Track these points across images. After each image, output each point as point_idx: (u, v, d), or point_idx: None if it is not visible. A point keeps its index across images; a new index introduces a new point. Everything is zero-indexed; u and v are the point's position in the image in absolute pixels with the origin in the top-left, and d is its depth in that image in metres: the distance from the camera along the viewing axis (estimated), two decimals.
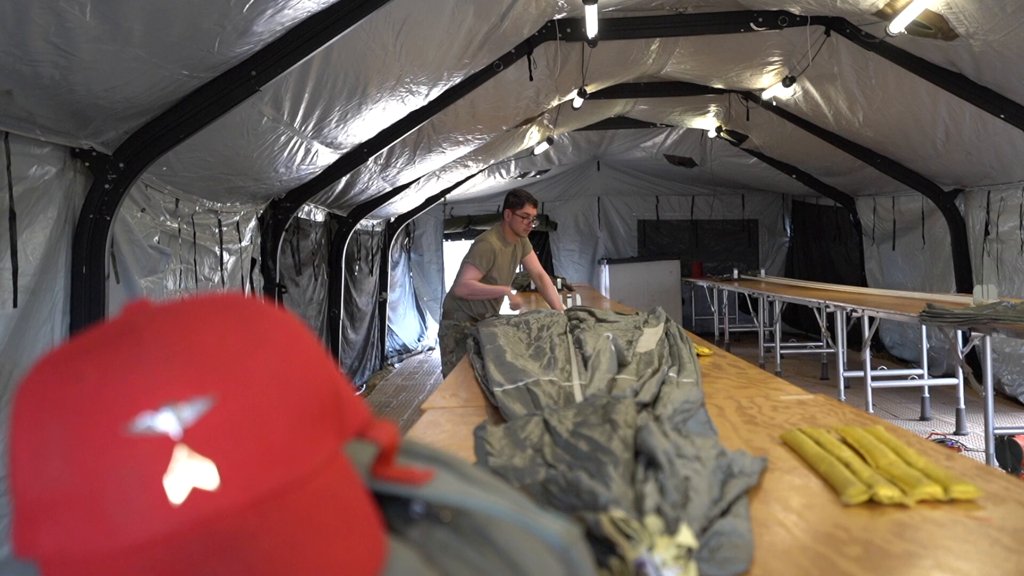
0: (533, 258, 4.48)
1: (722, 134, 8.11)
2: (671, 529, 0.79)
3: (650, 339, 2.46)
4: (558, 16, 4.72)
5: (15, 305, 2.62)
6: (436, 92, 4.69)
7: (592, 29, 4.40)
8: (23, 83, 2.30)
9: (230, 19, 2.56)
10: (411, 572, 0.45)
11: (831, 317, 5.71)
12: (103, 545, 0.43)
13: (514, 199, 4.12)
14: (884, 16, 4.30)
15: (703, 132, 8.49)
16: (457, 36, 4.05)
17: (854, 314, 5.19)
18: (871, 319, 5.05)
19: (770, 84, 6.04)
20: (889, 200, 7.75)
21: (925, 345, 5.85)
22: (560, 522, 0.54)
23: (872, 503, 1.10)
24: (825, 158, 7.36)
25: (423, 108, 4.84)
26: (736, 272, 9.35)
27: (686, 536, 0.78)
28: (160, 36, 2.41)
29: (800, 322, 9.87)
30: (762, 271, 9.56)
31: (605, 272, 9.93)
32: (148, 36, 2.37)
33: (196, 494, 0.43)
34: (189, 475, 0.43)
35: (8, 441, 0.47)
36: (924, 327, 5.54)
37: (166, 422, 0.44)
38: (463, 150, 6.47)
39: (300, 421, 0.48)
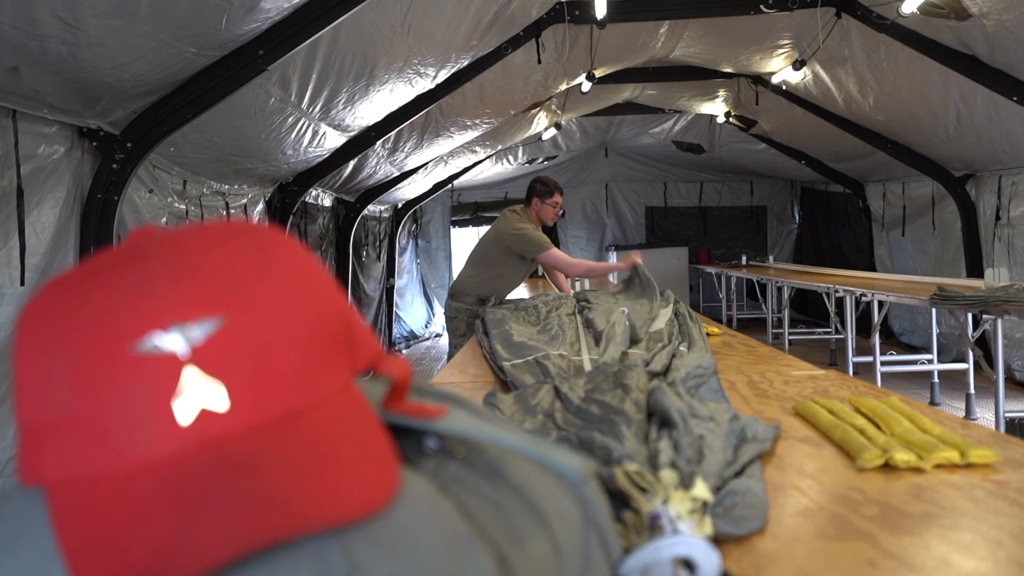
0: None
1: (731, 120, 8.06)
2: (686, 484, 0.77)
3: (660, 319, 2.45)
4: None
5: (23, 283, 2.62)
6: (444, 74, 4.67)
7: (601, 9, 4.36)
8: (30, 59, 2.29)
9: None
10: (425, 499, 0.44)
11: (840, 302, 5.68)
12: (110, 468, 0.43)
13: (542, 187, 3.93)
14: None
15: (712, 118, 8.45)
16: (465, 17, 4.03)
17: (863, 298, 5.16)
18: (880, 304, 5.02)
19: (780, 68, 5.99)
20: (899, 186, 7.69)
21: (935, 330, 5.81)
22: (576, 457, 0.53)
23: (888, 468, 1.08)
24: (835, 143, 7.31)
25: (431, 91, 4.82)
26: (744, 259, 9.31)
27: (701, 490, 0.76)
28: (167, 11, 2.40)
29: (808, 309, 9.83)
30: (771, 257, 9.53)
31: (613, 259, 9.91)
32: (155, 11, 2.36)
33: (205, 416, 0.42)
34: (197, 396, 0.42)
35: (13, 367, 0.46)
36: (934, 312, 5.51)
37: (174, 342, 0.42)
38: (471, 135, 6.44)
39: (311, 348, 0.46)
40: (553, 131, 8.20)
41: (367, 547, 0.41)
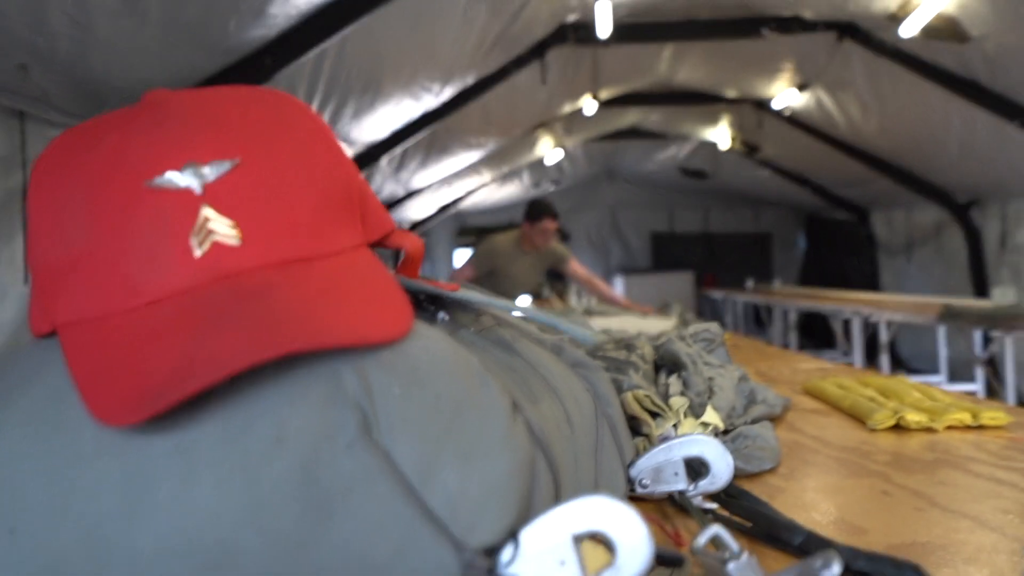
0: (575, 265, 4.33)
1: (734, 146, 8.10)
2: (696, 412, 0.77)
3: (665, 324, 2.46)
4: (570, 19, 4.74)
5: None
6: (449, 92, 4.71)
7: (605, 25, 4.40)
8: (39, 58, 2.30)
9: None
10: (439, 338, 0.43)
11: (847, 324, 5.65)
12: (125, 303, 0.42)
13: (533, 211, 4.01)
14: (896, 20, 4.28)
15: (715, 144, 8.49)
16: (471, 34, 4.07)
17: (871, 319, 5.14)
18: (888, 325, 5.00)
19: (782, 93, 6.03)
20: (903, 212, 7.69)
21: (944, 352, 5.76)
22: (590, 329, 0.52)
23: (899, 429, 1.07)
24: (838, 170, 7.33)
25: (436, 109, 4.86)
26: (752, 283, 9.30)
27: (712, 416, 0.76)
28: (176, 14, 2.42)
29: (814, 333, 9.78)
30: (776, 282, 9.52)
31: (619, 283, 9.91)
32: (164, 14, 2.39)
33: (219, 249, 0.42)
34: (211, 231, 0.42)
35: (27, 215, 0.46)
36: (943, 332, 5.49)
37: (188, 179, 0.42)
38: (475, 155, 6.48)
39: (324, 203, 0.46)
40: (559, 153, 8.23)
41: (381, 371, 0.41)
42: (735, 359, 2.13)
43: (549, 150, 7.79)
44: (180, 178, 0.42)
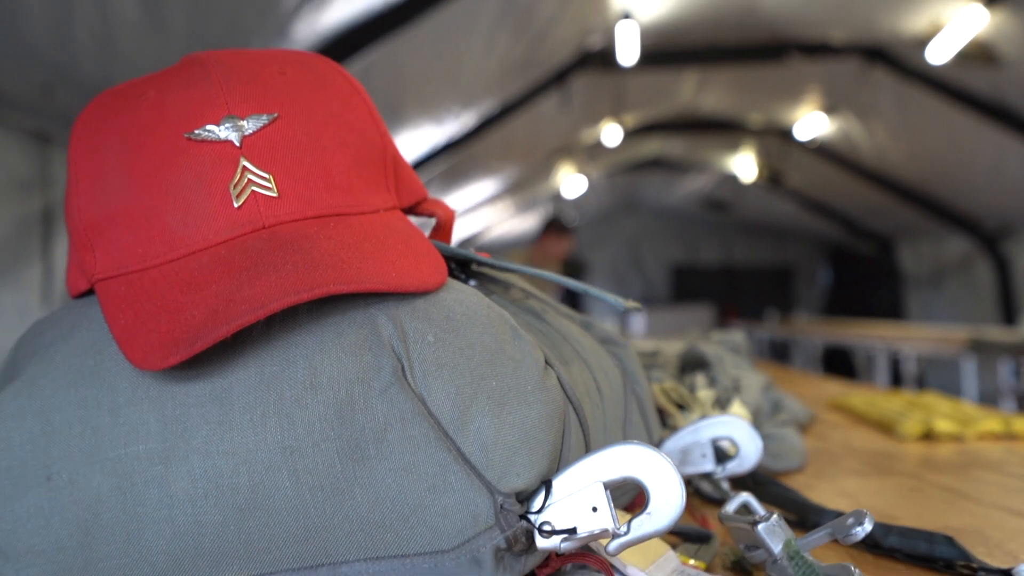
0: None
1: (758, 178, 8.09)
2: (723, 405, 0.76)
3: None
4: (592, 47, 4.78)
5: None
6: (471, 118, 4.75)
7: (629, 51, 4.42)
8: (63, 77, 2.34)
9: (269, 17, 2.63)
10: (473, 292, 0.44)
11: (871, 360, 5.59)
12: (163, 255, 0.43)
13: (547, 225, 4.16)
14: (925, 44, 4.28)
15: (738, 176, 8.49)
16: (493, 59, 4.11)
17: (898, 353, 5.07)
18: (917, 360, 4.93)
19: (807, 120, 6.03)
20: (930, 244, 7.63)
21: (972, 383, 5.67)
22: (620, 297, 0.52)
23: (928, 440, 1.05)
24: (863, 199, 7.29)
25: (458, 138, 4.90)
26: (777, 316, 9.23)
27: (739, 409, 0.75)
28: (200, 32, 2.47)
29: (837, 368, 9.68)
30: (801, 315, 9.44)
31: (640, 314, 9.87)
32: (188, 31, 2.43)
33: (257, 201, 0.43)
34: (250, 181, 0.43)
35: (67, 174, 0.47)
36: (971, 364, 5.40)
37: (227, 131, 0.43)
38: (495, 184, 6.51)
39: (358, 163, 0.47)
40: (582, 182, 8.25)
41: (416, 319, 0.41)
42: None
43: (570, 179, 7.81)
44: (219, 130, 0.43)
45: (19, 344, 0.46)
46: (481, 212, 7.70)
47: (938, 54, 4.17)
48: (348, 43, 3.11)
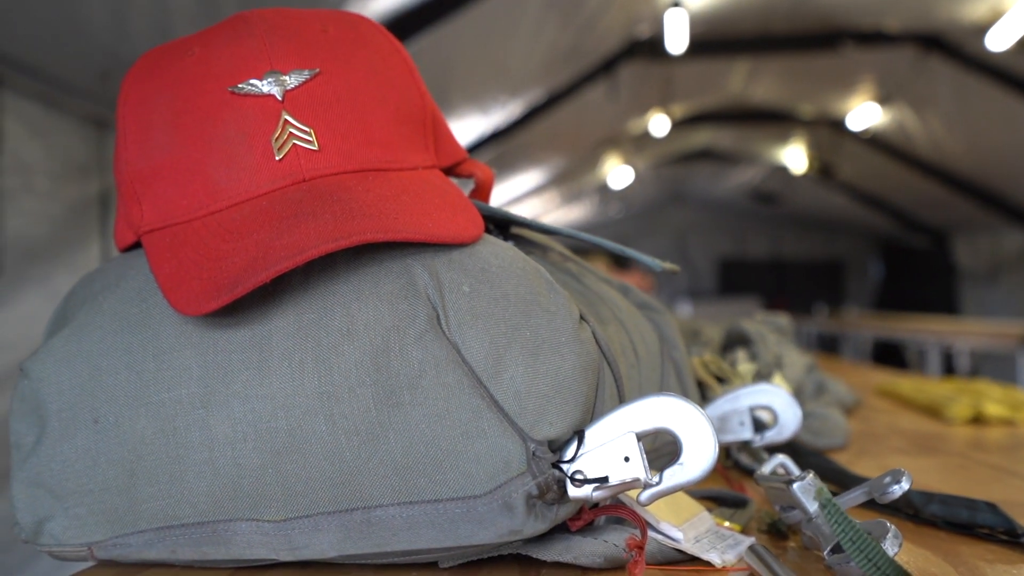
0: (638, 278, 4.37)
1: (808, 169, 7.95)
2: (764, 377, 0.75)
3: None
4: (640, 35, 4.74)
5: None
6: (517, 107, 4.75)
7: (678, 39, 4.37)
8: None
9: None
10: (509, 247, 0.44)
11: (923, 356, 5.47)
12: (207, 207, 0.44)
13: None
14: (985, 31, 4.16)
15: (788, 168, 8.35)
16: (540, 48, 4.10)
17: (950, 348, 4.95)
18: (970, 355, 4.81)
19: (860, 111, 5.90)
20: (987, 238, 7.43)
21: None
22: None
23: (977, 423, 1.03)
24: (917, 192, 7.13)
25: (504, 128, 4.90)
26: (826, 310, 9.08)
27: (780, 381, 0.74)
28: None
29: (888, 362, 9.49)
30: (852, 309, 9.28)
31: (686, 307, 9.79)
32: None
33: (298, 153, 0.43)
34: (291, 134, 0.43)
35: (116, 130, 0.48)
36: None
37: (270, 86, 0.44)
38: (541, 174, 6.50)
39: (398, 120, 0.48)
40: (629, 173, 8.20)
41: (451, 269, 0.41)
42: None
43: (617, 170, 7.76)
44: (262, 85, 0.44)
45: (70, 294, 0.47)
46: (527, 203, 7.69)
47: (998, 41, 4.05)
48: (394, 32, 3.12)
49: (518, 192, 6.87)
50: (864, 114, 5.78)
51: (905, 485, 0.39)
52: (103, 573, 0.44)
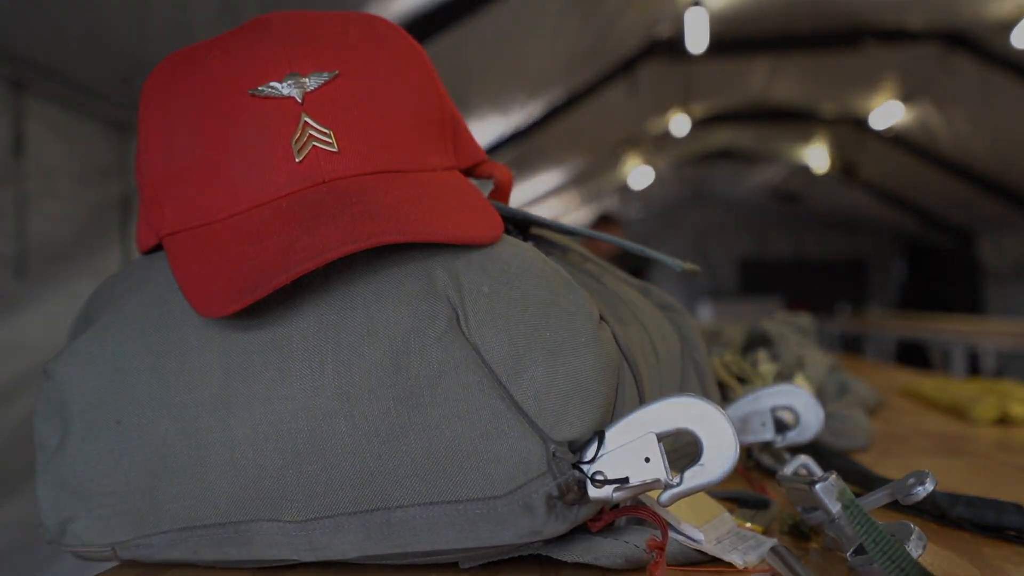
0: None
1: (830, 168, 7.88)
2: (785, 378, 0.75)
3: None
4: (660, 35, 4.72)
5: None
6: (537, 107, 4.74)
7: (698, 39, 4.35)
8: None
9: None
10: (529, 248, 0.44)
11: (947, 356, 5.40)
12: (228, 209, 0.44)
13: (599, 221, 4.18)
14: (1010, 28, 4.11)
15: (809, 167, 8.29)
16: (560, 48, 4.10)
17: (976, 348, 4.89)
18: (996, 356, 4.75)
19: (884, 110, 5.85)
20: (1013, 237, 7.33)
21: None
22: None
23: (1003, 424, 1.02)
24: (941, 190, 7.04)
25: (524, 128, 4.90)
26: (848, 310, 9.00)
27: (801, 381, 0.74)
28: None
29: (911, 363, 9.39)
30: (874, 308, 9.19)
31: (707, 307, 9.74)
32: None
33: (318, 155, 0.44)
34: (311, 136, 0.44)
35: (138, 133, 0.48)
36: None
37: (290, 88, 0.44)
38: (561, 175, 6.49)
39: (417, 122, 0.48)
40: (649, 173, 8.16)
41: (471, 270, 0.41)
42: None
43: (637, 170, 7.73)
44: (282, 87, 0.44)
45: (93, 296, 0.48)
46: (547, 203, 7.68)
47: (1021, 36, 4.00)
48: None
49: (538, 193, 6.86)
50: (887, 112, 5.72)
51: (929, 486, 0.39)
52: (126, 573, 0.44)
